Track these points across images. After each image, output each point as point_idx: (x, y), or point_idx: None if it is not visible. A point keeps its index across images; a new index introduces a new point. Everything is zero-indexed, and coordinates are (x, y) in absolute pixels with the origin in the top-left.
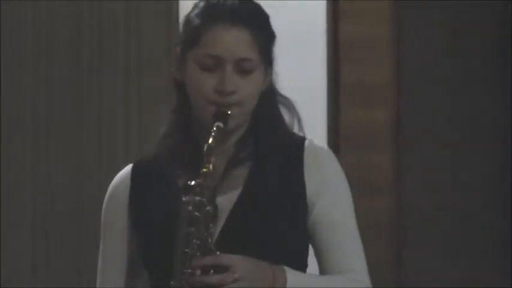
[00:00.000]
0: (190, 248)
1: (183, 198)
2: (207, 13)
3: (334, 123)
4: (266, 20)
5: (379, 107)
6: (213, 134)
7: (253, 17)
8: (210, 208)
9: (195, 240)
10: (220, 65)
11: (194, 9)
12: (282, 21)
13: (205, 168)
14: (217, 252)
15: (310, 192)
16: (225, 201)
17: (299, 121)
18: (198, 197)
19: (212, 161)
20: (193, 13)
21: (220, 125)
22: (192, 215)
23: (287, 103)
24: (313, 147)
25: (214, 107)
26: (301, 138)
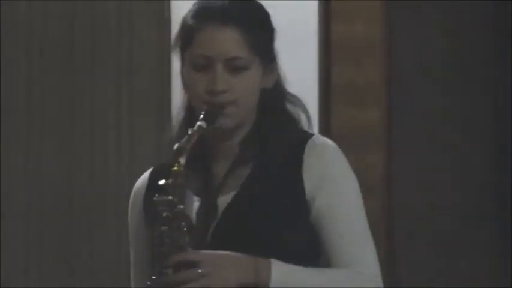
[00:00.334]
0: (162, 247)
1: (154, 198)
2: (199, 13)
3: (325, 123)
4: (260, 17)
5: (370, 107)
6: (190, 133)
7: (244, 16)
8: (181, 207)
9: (167, 240)
10: (211, 65)
11: (190, 10)
12: (274, 21)
13: (175, 167)
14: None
15: (309, 187)
16: (223, 202)
17: (308, 119)
18: (169, 197)
19: (182, 160)
20: (189, 14)
21: (203, 124)
22: (163, 214)
23: (295, 101)
24: (315, 143)
25: (206, 107)
26: (306, 135)
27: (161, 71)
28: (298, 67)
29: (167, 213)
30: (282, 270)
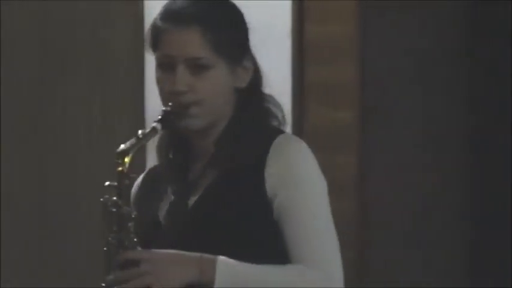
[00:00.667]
0: (109, 247)
1: (101, 199)
2: (163, 14)
3: (299, 123)
4: (225, 17)
5: (344, 107)
6: (141, 136)
7: (206, 16)
8: (128, 208)
9: (113, 240)
10: (173, 66)
11: (159, 12)
12: (246, 21)
13: (120, 168)
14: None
15: (270, 185)
16: (192, 201)
17: (283, 118)
18: (114, 198)
19: (127, 161)
20: (157, 15)
21: (157, 126)
22: (109, 215)
23: (271, 100)
24: (280, 141)
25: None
26: (275, 133)
27: (135, 72)
28: (272, 67)
29: (113, 214)
30: (227, 269)
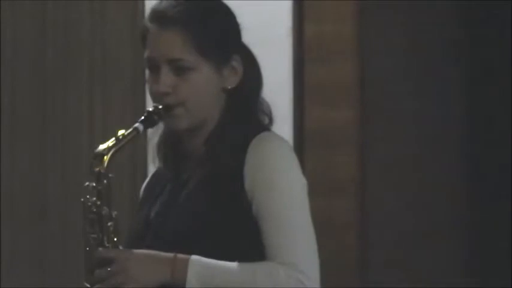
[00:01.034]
0: (89, 247)
1: (82, 199)
2: (150, 16)
3: (299, 123)
4: (211, 18)
5: (343, 106)
6: (122, 135)
7: (190, 18)
8: (107, 208)
9: (93, 241)
10: (158, 66)
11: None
12: (247, 20)
13: (98, 169)
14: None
15: (248, 184)
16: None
17: (270, 119)
18: (94, 198)
19: (105, 161)
20: (146, 16)
21: (139, 127)
22: (88, 215)
23: (260, 101)
24: (259, 141)
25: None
26: (257, 132)
27: (135, 70)
28: (272, 66)
29: (92, 214)
30: (199, 269)
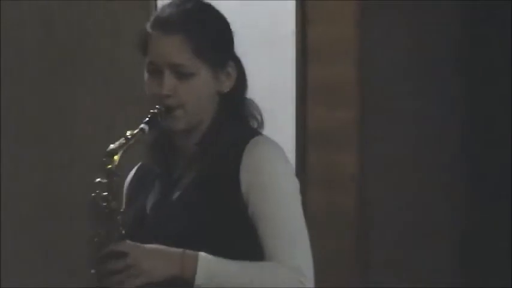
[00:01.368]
0: (98, 239)
1: (92, 194)
2: (152, 21)
3: (302, 123)
4: (210, 25)
5: (345, 107)
6: (129, 135)
7: (190, 24)
8: (115, 203)
9: (102, 233)
10: (160, 71)
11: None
12: (250, 22)
13: (109, 166)
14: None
15: (244, 187)
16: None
17: (261, 123)
18: (104, 192)
19: (116, 159)
20: (148, 22)
21: (145, 127)
22: (99, 209)
23: (251, 104)
24: (254, 143)
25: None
26: (251, 136)
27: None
28: (275, 67)
29: (103, 208)
30: (208, 265)
